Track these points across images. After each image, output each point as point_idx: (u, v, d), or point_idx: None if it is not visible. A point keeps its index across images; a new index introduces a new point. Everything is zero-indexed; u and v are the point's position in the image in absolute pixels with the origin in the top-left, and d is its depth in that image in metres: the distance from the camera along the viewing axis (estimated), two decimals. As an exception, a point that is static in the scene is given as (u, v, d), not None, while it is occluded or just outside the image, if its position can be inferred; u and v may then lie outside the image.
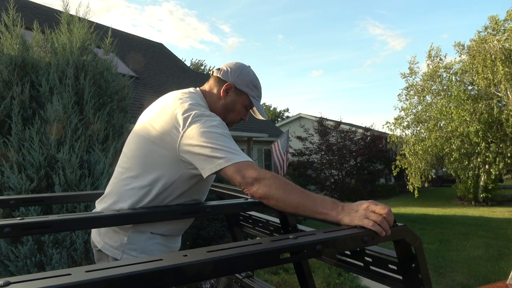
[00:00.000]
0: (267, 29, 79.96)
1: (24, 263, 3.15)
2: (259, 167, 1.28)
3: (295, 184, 1.15)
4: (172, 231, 1.48)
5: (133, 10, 64.70)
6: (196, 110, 1.29)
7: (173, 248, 1.52)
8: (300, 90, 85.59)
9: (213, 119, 1.29)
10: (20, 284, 0.58)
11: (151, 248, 1.39)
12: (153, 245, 1.40)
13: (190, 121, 1.25)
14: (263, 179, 1.13)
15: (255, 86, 1.52)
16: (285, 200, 1.11)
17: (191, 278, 0.71)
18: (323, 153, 13.34)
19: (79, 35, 4.12)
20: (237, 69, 1.52)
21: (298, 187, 1.14)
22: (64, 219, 1.15)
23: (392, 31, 72.64)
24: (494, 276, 5.25)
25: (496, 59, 11.63)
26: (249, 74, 1.53)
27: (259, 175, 1.14)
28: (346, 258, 1.16)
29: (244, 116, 1.55)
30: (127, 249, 1.37)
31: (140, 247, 1.37)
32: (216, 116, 1.33)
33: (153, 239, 1.40)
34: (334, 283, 4.63)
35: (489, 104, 12.48)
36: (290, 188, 1.12)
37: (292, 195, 1.10)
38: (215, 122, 1.27)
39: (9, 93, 3.56)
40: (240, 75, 1.50)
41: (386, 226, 0.95)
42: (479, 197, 15.19)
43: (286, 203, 1.11)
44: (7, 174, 3.24)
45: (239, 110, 1.52)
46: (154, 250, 1.40)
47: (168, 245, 1.47)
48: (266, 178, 1.14)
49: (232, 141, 1.25)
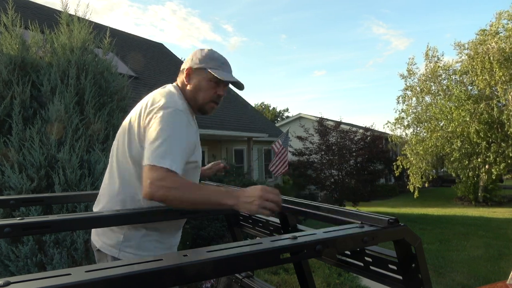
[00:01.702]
0: (270, 29, 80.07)
1: (24, 263, 3.15)
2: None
3: (191, 182, 1.28)
4: (168, 227, 1.50)
5: (136, 9, 64.78)
6: (156, 105, 1.38)
7: (170, 244, 1.54)
8: (300, 90, 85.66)
9: (169, 114, 1.34)
10: (20, 284, 0.58)
11: (146, 245, 1.42)
12: (148, 242, 1.42)
13: (151, 115, 1.36)
14: (163, 179, 1.21)
15: (211, 59, 1.52)
16: (183, 199, 1.20)
17: (191, 278, 0.71)
18: (323, 153, 13.33)
19: (79, 35, 4.12)
20: (192, 54, 1.56)
21: (195, 185, 1.27)
22: (64, 219, 1.15)
23: (396, 30, 72.63)
24: (494, 276, 5.25)
25: (494, 61, 11.60)
26: (203, 51, 1.54)
27: (161, 176, 1.21)
28: (346, 258, 1.17)
29: (218, 91, 1.51)
30: (123, 246, 1.40)
31: (135, 244, 1.40)
32: (176, 112, 1.36)
33: (148, 236, 1.42)
34: (334, 283, 4.63)
35: (489, 105, 12.47)
36: (188, 186, 1.23)
37: (189, 193, 1.21)
38: (168, 119, 1.33)
39: (9, 92, 3.57)
40: (194, 56, 1.54)
41: (279, 209, 1.19)
42: (479, 197, 15.18)
43: (184, 202, 1.21)
44: (8, 173, 3.25)
45: (207, 87, 1.49)
46: (149, 247, 1.43)
47: (164, 241, 1.49)
48: (165, 178, 1.21)
49: (175, 143, 1.29)
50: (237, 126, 12.26)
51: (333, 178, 13.21)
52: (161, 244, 1.48)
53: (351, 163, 13.19)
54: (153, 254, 1.43)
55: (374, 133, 15.16)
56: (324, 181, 13.23)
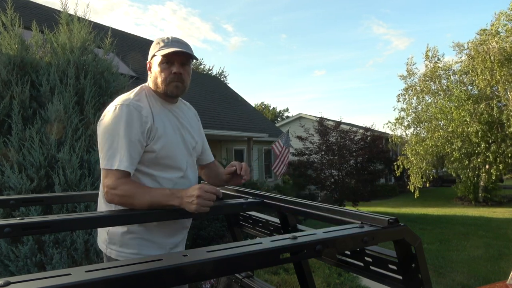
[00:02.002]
0: (270, 29, 79.74)
1: (24, 263, 3.15)
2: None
3: (141, 187, 1.38)
4: (157, 226, 1.49)
5: (136, 9, 64.66)
6: (109, 107, 1.45)
7: (164, 244, 1.53)
8: (300, 90, 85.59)
9: (109, 114, 1.41)
10: (20, 284, 0.58)
11: (127, 242, 1.47)
12: (131, 239, 1.47)
13: (101, 118, 1.46)
14: (115, 188, 1.32)
15: (157, 43, 1.52)
16: (134, 204, 1.32)
17: (191, 278, 0.71)
18: (323, 153, 13.32)
19: (78, 35, 4.12)
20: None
21: (145, 189, 1.36)
22: (63, 219, 1.15)
23: (396, 30, 72.44)
24: (494, 276, 5.25)
25: (494, 61, 11.60)
26: (153, 43, 1.56)
27: (113, 184, 1.33)
28: (346, 258, 1.16)
29: (173, 69, 1.48)
30: (109, 244, 1.49)
31: (118, 241, 1.48)
32: (116, 108, 1.41)
33: (130, 233, 1.47)
34: (334, 283, 4.63)
35: (489, 105, 12.47)
36: (138, 193, 1.32)
37: (139, 199, 1.32)
38: (108, 120, 1.40)
39: (8, 93, 3.56)
40: (149, 51, 1.57)
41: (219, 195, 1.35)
42: (479, 197, 15.19)
43: (136, 205, 1.32)
44: (8, 173, 3.25)
45: (160, 70, 1.49)
46: (130, 243, 1.47)
47: (153, 240, 1.50)
48: (117, 187, 1.32)
49: (119, 140, 1.37)
50: (237, 126, 12.26)
51: (333, 178, 13.21)
52: (149, 242, 1.49)
53: (351, 163, 13.18)
54: (137, 251, 1.47)
55: (374, 133, 15.17)
56: (324, 181, 13.23)
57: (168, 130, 1.50)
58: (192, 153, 1.62)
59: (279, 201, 1.39)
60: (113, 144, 1.37)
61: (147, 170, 1.46)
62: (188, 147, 1.59)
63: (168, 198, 1.31)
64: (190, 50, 1.50)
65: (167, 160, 1.49)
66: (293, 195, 11.47)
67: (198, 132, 1.70)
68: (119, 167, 1.34)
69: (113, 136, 1.38)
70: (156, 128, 1.45)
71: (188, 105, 1.75)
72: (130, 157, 1.37)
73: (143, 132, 1.41)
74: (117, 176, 1.34)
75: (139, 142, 1.40)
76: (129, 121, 1.39)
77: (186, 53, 1.48)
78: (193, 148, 1.62)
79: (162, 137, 1.47)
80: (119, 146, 1.36)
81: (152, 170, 1.47)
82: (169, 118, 1.53)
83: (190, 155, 1.60)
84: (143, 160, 1.45)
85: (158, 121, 1.47)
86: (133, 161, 1.38)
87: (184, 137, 1.57)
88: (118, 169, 1.34)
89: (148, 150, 1.44)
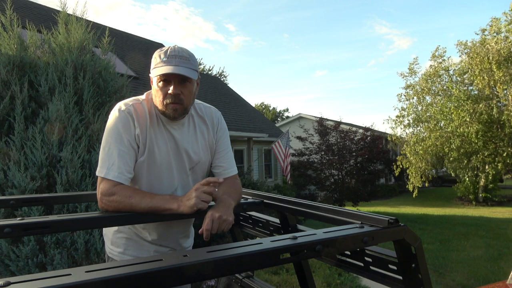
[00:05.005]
0: (272, 28, 79.74)
1: (25, 263, 3.15)
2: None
3: (139, 192, 1.33)
4: (147, 226, 1.51)
5: (138, 8, 64.66)
6: (112, 111, 1.43)
7: (144, 245, 1.53)
8: (300, 90, 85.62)
9: (109, 120, 1.40)
10: (20, 284, 0.58)
11: (117, 241, 1.53)
12: (118, 238, 1.53)
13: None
14: (107, 195, 1.30)
15: (154, 58, 1.41)
16: (132, 209, 1.29)
17: (191, 278, 0.71)
18: (323, 153, 13.33)
19: (77, 35, 4.11)
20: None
21: (144, 193, 1.32)
22: (63, 219, 1.15)
23: (399, 30, 72.44)
24: (494, 276, 5.25)
25: (492, 61, 11.60)
26: (154, 54, 1.43)
27: (104, 191, 1.31)
28: (346, 258, 1.16)
29: (170, 89, 1.36)
30: (106, 241, 1.59)
31: (110, 240, 1.55)
32: (115, 114, 1.39)
33: (119, 232, 1.53)
34: (334, 283, 4.63)
35: (489, 105, 12.47)
36: (136, 198, 1.29)
37: (139, 204, 1.28)
38: (108, 127, 1.39)
39: (7, 93, 3.56)
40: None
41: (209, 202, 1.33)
42: (479, 197, 15.19)
43: (134, 210, 1.29)
44: (13, 171, 3.25)
45: (158, 90, 1.38)
46: (118, 242, 1.53)
47: (137, 241, 1.52)
48: (114, 193, 1.29)
49: (112, 149, 1.35)
50: (237, 126, 12.25)
51: (333, 178, 13.21)
52: (134, 243, 1.52)
53: (351, 163, 13.19)
54: (123, 250, 1.52)
55: (374, 133, 15.18)
56: (324, 181, 13.23)
57: (157, 149, 1.43)
58: (189, 174, 1.52)
59: (279, 201, 1.39)
60: (105, 150, 1.37)
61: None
62: (184, 167, 1.50)
63: (167, 202, 1.30)
64: (189, 66, 1.36)
65: (152, 177, 1.45)
66: (293, 195, 11.47)
67: (205, 147, 1.55)
68: (106, 176, 1.33)
69: (107, 143, 1.37)
70: (145, 140, 1.40)
71: (205, 113, 1.59)
72: (119, 168, 1.33)
73: (134, 137, 1.38)
74: (110, 184, 1.32)
75: (133, 148, 1.38)
76: (124, 126, 1.36)
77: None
78: (190, 169, 1.52)
79: (147, 152, 1.41)
80: (111, 154, 1.35)
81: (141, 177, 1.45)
82: (164, 138, 1.44)
83: (186, 175, 1.52)
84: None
85: (150, 135, 1.41)
86: (122, 169, 1.34)
87: (178, 158, 1.48)
88: (106, 177, 1.33)
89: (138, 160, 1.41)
